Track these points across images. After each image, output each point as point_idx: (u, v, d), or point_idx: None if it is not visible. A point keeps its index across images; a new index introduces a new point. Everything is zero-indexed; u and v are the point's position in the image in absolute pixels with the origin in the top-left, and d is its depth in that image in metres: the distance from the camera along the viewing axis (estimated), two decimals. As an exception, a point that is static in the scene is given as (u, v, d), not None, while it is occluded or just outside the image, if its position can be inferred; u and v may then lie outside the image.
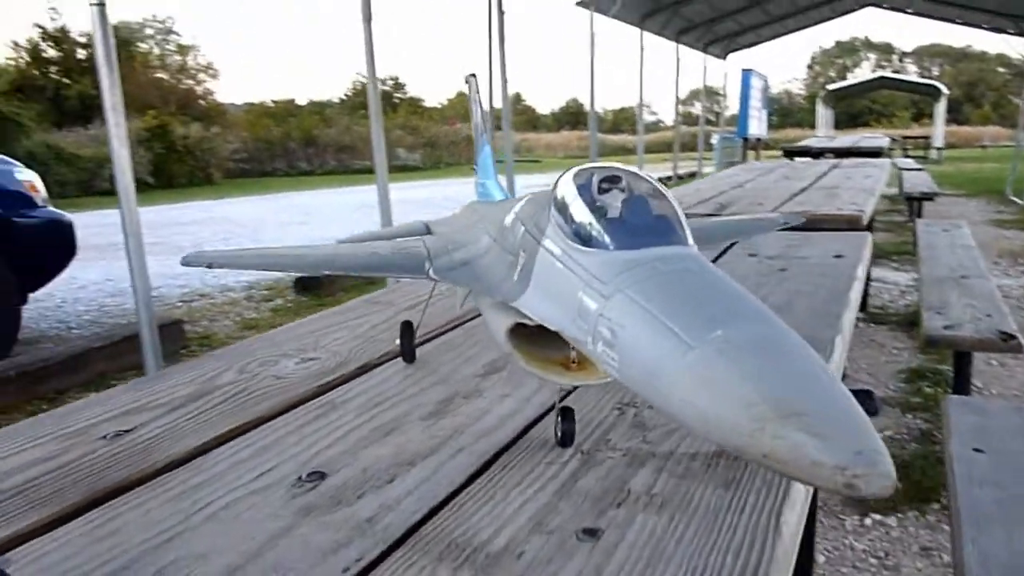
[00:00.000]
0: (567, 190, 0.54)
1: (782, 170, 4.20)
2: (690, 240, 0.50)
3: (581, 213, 0.51)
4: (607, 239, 0.48)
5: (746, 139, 14.45)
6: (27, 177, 3.82)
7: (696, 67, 14.68)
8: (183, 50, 26.62)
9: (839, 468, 0.32)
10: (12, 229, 3.74)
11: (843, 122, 30.95)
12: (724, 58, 15.53)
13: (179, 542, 0.55)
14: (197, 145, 18.19)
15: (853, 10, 14.22)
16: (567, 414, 0.74)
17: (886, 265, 5.25)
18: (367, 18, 3.91)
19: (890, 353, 3.39)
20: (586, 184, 0.54)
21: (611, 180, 0.53)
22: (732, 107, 16.51)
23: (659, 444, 0.74)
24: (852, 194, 2.72)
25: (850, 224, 2.13)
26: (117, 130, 2.56)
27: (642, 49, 10.32)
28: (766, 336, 0.38)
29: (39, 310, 4.91)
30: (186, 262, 1.12)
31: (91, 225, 3.70)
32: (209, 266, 1.02)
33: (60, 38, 21.51)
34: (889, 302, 4.73)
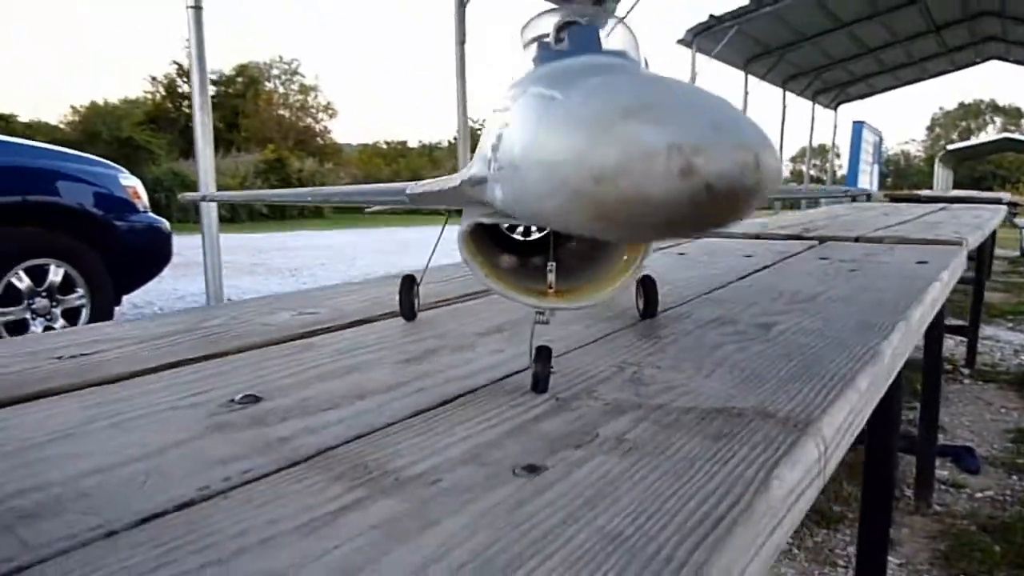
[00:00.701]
0: (530, 50, 0.49)
1: (883, 209, 3.94)
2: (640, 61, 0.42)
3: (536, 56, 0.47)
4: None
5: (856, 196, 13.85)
6: (131, 183, 3.99)
7: (804, 117, 14.23)
8: (305, 90, 28.02)
9: (674, 147, 0.25)
10: (113, 232, 3.90)
11: (963, 185, 29.36)
12: (834, 109, 15.04)
13: (67, 442, 0.51)
14: (311, 179, 19.04)
15: (975, 63, 13.53)
16: (542, 354, 0.64)
17: (1001, 324, 5.00)
18: (460, 41, 3.95)
19: (998, 412, 3.14)
20: (545, 34, 0.47)
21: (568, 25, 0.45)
22: (843, 164, 15.90)
23: (651, 398, 0.62)
24: (955, 227, 2.49)
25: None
26: (203, 129, 2.61)
27: (746, 94, 10.08)
28: (661, 79, 0.27)
29: (140, 314, 5.12)
30: (183, 199, 1.09)
31: (199, 246, 3.95)
32: (203, 199, 0.99)
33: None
34: (1000, 360, 4.38)
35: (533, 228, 0.81)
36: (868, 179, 14.67)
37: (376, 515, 0.42)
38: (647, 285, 0.95)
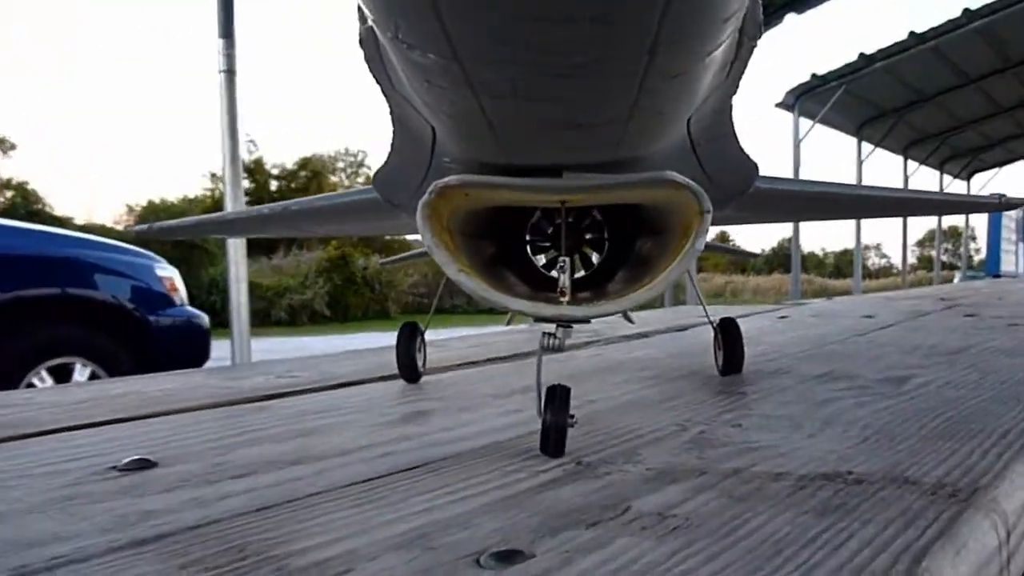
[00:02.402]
0: None
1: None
2: None
3: None
4: None
5: (996, 276, 13.08)
6: (168, 274, 4.03)
7: (931, 189, 13.78)
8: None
9: None
10: (147, 328, 3.91)
11: None
12: (966, 179, 14.53)
13: None
14: (376, 276, 19.29)
15: None
16: (556, 397, 0.49)
17: None
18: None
19: None
20: None
21: None
22: (980, 247, 15.20)
23: (720, 462, 0.46)
24: None
25: None
26: (235, 202, 2.61)
27: (860, 163, 9.82)
28: None
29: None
30: (130, 231, 1.04)
31: (263, 349, 4.00)
32: (148, 229, 0.91)
33: (254, 169, 24.29)
34: None
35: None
36: (1013, 260, 13.95)
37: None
38: (728, 331, 0.83)
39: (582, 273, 0.75)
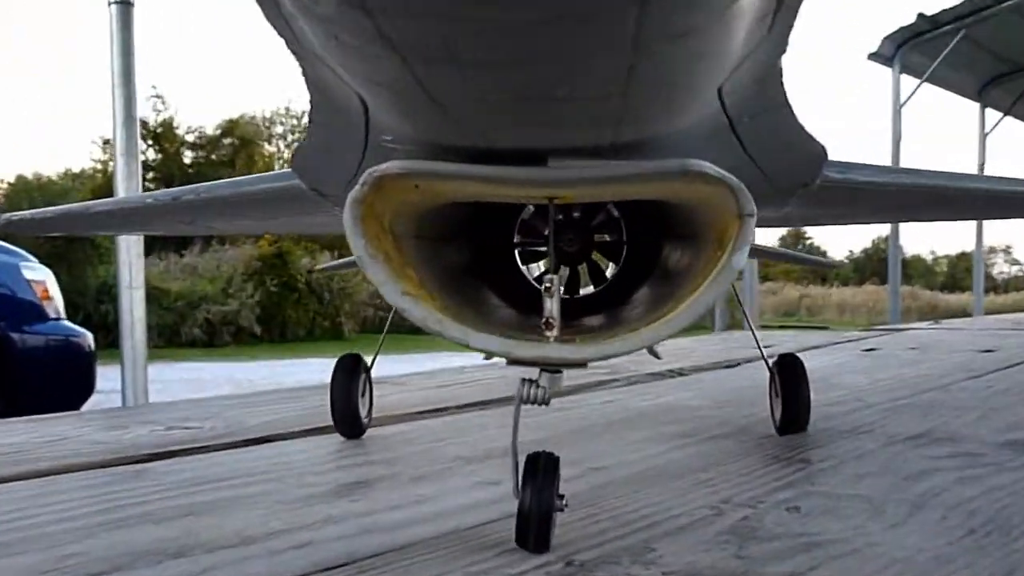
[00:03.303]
0: None
1: None
2: None
3: None
4: None
5: None
6: (38, 276, 4.00)
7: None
8: (321, 155, 28.97)
9: None
10: (9, 350, 3.88)
11: None
12: None
13: None
14: (326, 284, 18.87)
15: None
16: (537, 470, 0.50)
17: None
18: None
19: None
20: None
21: None
22: None
23: (768, 563, 0.46)
24: None
25: None
26: (128, 179, 2.63)
27: (983, 136, 9.85)
28: None
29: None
30: None
31: (166, 380, 3.95)
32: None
33: (162, 134, 24.25)
34: None
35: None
36: None
37: None
38: (789, 372, 0.84)
39: (584, 291, 0.74)
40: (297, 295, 17.48)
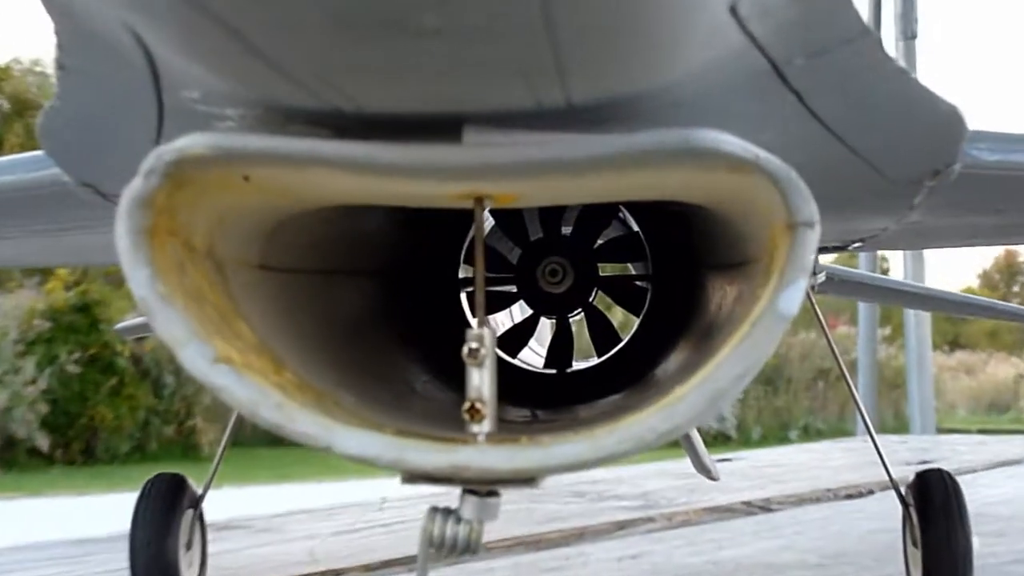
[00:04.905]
0: None
1: None
2: None
3: None
4: None
5: None
6: None
7: None
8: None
9: None
10: None
11: None
12: None
13: None
14: (167, 361, 10.49)
15: None
16: None
17: None
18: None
19: None
20: None
21: None
22: None
23: None
24: None
25: None
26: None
27: None
28: None
29: None
30: None
31: None
32: None
33: None
34: None
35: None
36: None
37: None
38: (931, 508, 0.72)
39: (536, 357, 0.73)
40: (116, 379, 8.68)
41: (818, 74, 0.48)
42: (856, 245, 1.15)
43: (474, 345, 0.43)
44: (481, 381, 0.43)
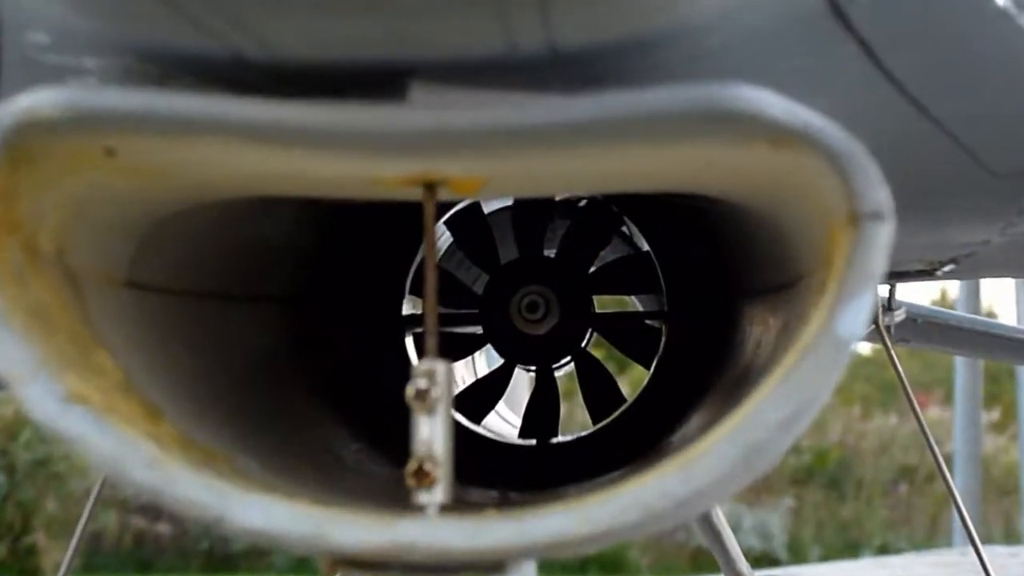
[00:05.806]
0: None
1: None
2: None
3: None
4: None
5: None
6: None
7: None
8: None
9: None
10: None
11: None
12: None
13: None
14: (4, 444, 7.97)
15: None
16: None
17: None
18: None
19: None
20: None
21: None
22: None
23: None
24: None
25: None
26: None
27: None
28: None
29: None
30: None
31: None
32: None
33: None
34: None
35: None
36: None
37: None
38: None
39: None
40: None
41: (893, 17, 0.37)
42: (947, 269, 0.93)
43: (422, 384, 0.34)
44: (432, 433, 0.34)
